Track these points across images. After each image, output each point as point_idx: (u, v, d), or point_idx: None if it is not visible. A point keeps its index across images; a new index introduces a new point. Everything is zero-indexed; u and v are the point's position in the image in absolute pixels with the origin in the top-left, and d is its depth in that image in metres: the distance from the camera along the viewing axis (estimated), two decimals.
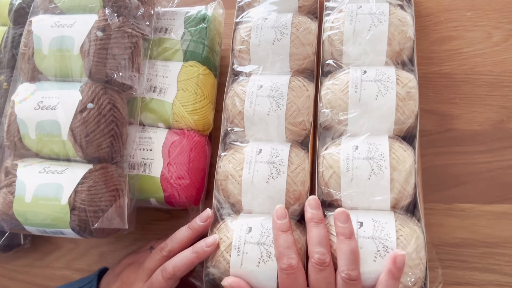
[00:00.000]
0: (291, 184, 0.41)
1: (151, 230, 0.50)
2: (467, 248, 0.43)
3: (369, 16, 0.45)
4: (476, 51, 0.51)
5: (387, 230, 0.37)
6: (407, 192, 0.39)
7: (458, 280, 0.42)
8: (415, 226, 0.38)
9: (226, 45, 0.58)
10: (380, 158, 0.39)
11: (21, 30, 0.51)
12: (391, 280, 0.35)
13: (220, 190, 0.43)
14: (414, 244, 0.37)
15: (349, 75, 0.43)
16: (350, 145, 0.41)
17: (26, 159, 0.43)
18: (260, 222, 0.40)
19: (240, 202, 0.42)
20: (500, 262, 0.42)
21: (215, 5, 0.53)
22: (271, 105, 0.44)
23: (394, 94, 0.41)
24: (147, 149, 0.46)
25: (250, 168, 0.42)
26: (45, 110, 0.41)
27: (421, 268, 0.37)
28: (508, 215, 0.44)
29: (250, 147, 0.43)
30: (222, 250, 0.39)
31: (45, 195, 0.39)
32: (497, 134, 0.46)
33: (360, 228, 0.38)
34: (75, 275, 0.49)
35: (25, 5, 0.51)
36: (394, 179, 0.39)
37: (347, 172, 0.40)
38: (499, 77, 0.50)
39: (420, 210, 0.39)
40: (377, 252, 0.36)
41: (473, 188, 0.46)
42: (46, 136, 0.41)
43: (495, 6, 0.53)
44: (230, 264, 0.38)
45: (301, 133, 0.45)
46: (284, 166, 0.41)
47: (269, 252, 0.38)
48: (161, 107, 0.47)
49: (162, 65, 0.49)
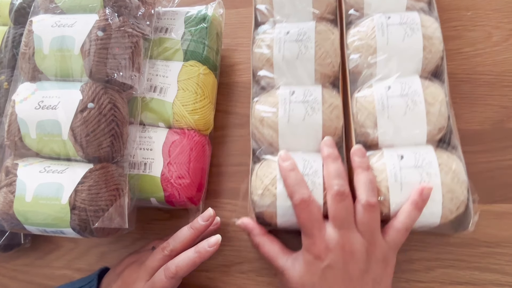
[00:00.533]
0: (326, 120, 0.43)
1: (151, 230, 0.50)
2: (468, 247, 0.43)
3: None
4: (476, 51, 0.51)
5: (428, 159, 0.39)
6: (441, 125, 0.41)
7: (458, 280, 0.42)
8: (453, 155, 0.40)
9: (226, 45, 0.58)
10: (414, 94, 0.41)
11: (22, 30, 0.51)
12: (414, 211, 0.37)
13: (256, 133, 0.45)
14: (455, 169, 0.39)
15: (374, 21, 0.45)
16: (382, 86, 0.43)
17: (26, 159, 0.43)
18: (301, 156, 0.42)
19: (277, 142, 0.44)
20: (501, 261, 0.42)
21: (215, 5, 0.53)
22: (299, 48, 0.46)
23: (420, 34, 0.43)
24: (148, 148, 0.46)
25: (285, 109, 0.43)
26: (45, 109, 0.41)
27: (463, 191, 0.39)
28: (508, 215, 0.44)
29: (282, 90, 0.45)
30: (267, 184, 0.41)
31: (46, 194, 0.39)
32: (497, 134, 0.46)
33: (402, 160, 0.39)
34: (75, 275, 0.49)
35: (25, 5, 0.51)
36: (429, 112, 0.41)
37: (383, 110, 0.41)
38: (499, 77, 0.50)
39: (456, 138, 0.41)
40: (421, 180, 0.38)
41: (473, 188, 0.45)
42: (47, 136, 0.41)
43: (495, 6, 0.53)
44: (277, 196, 0.40)
45: (330, 74, 0.47)
46: (319, 104, 0.43)
47: (313, 181, 0.40)
48: (161, 107, 0.47)
49: (163, 65, 0.49)
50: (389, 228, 0.38)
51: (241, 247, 0.47)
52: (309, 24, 0.47)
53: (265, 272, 0.46)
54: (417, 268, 0.43)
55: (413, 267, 0.43)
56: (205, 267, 0.47)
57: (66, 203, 0.38)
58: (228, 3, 0.55)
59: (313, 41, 0.46)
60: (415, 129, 0.41)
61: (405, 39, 0.43)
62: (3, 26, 0.53)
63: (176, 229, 0.43)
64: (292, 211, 0.40)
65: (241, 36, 0.59)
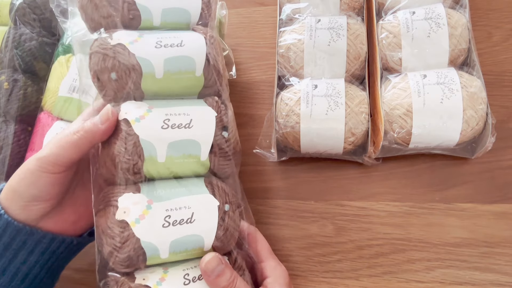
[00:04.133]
0: (350, 45, 0.46)
1: None
2: (467, 247, 0.43)
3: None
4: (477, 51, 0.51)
5: (450, 76, 0.42)
6: (462, 47, 0.44)
7: (458, 280, 0.42)
8: (472, 76, 0.43)
9: (229, 45, 0.58)
10: (437, 17, 0.44)
11: (22, 30, 0.51)
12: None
13: (282, 61, 0.48)
14: (476, 85, 0.41)
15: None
16: (407, 11, 0.46)
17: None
18: (324, 81, 0.45)
19: (302, 69, 0.47)
20: (501, 261, 0.42)
21: (218, 7, 0.53)
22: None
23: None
24: None
25: (311, 35, 0.47)
26: (176, 129, 0.35)
27: (483, 107, 0.41)
28: (508, 215, 0.44)
29: (308, 19, 0.48)
30: (292, 105, 0.44)
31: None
32: (497, 134, 0.46)
33: (425, 79, 0.42)
34: (75, 275, 0.49)
35: (26, 4, 0.51)
36: (452, 35, 0.44)
37: (407, 33, 0.44)
38: (499, 77, 0.50)
39: (476, 60, 0.44)
40: (443, 95, 0.41)
41: (473, 188, 0.46)
42: (181, 158, 0.36)
43: (495, 6, 0.53)
44: (301, 115, 0.43)
45: (355, 6, 0.50)
46: (344, 30, 0.46)
47: (336, 102, 0.43)
48: None
49: None
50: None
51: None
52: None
53: None
54: (417, 268, 0.43)
55: (413, 267, 0.43)
56: None
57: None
58: (228, 3, 0.55)
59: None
60: (438, 49, 0.44)
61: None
62: (3, 26, 0.52)
63: None
64: (315, 133, 0.43)
65: (241, 36, 0.59)
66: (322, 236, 0.46)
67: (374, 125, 0.46)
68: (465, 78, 0.42)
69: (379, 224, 0.46)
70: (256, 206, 0.49)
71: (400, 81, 0.44)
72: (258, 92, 0.56)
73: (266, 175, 0.50)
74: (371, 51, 0.49)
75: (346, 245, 0.45)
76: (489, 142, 0.42)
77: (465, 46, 0.44)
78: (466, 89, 0.41)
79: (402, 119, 0.42)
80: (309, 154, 0.47)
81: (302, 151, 0.46)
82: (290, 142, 0.46)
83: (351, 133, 0.44)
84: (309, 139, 0.44)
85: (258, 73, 0.57)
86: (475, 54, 0.45)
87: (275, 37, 0.51)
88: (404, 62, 0.45)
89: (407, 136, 0.43)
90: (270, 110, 0.48)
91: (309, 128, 0.44)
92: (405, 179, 0.47)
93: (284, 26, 0.51)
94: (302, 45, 0.47)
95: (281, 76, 0.49)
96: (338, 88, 0.44)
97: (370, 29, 0.49)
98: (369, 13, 0.51)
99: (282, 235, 0.47)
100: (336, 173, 0.49)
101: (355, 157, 0.47)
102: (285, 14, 0.52)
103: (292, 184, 0.49)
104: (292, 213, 0.48)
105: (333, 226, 0.47)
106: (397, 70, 0.46)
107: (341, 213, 0.47)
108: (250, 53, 0.58)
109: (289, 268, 0.45)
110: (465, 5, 0.46)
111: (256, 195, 0.49)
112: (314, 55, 0.47)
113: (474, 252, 0.43)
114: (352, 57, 0.46)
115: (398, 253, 0.44)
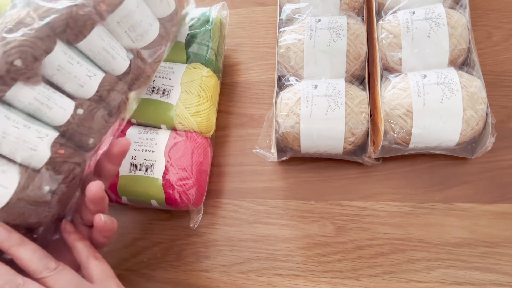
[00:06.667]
0: (351, 46, 0.46)
1: (151, 230, 0.50)
2: (467, 247, 0.43)
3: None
4: (477, 51, 0.51)
5: (450, 76, 0.42)
6: (462, 47, 0.44)
7: (458, 280, 0.42)
8: (472, 76, 0.43)
9: (229, 45, 0.58)
10: (437, 17, 0.44)
11: None
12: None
13: (282, 61, 0.48)
14: (476, 85, 0.41)
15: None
16: (406, 11, 0.46)
17: None
18: (324, 81, 0.46)
19: (302, 69, 0.47)
20: (501, 261, 0.42)
21: (219, 7, 0.53)
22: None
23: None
24: (150, 150, 0.45)
25: (311, 35, 0.47)
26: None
27: (483, 108, 0.41)
28: (508, 215, 0.44)
29: (308, 19, 0.48)
30: (291, 105, 0.44)
31: None
32: (497, 134, 0.46)
33: (425, 79, 0.42)
34: None
35: None
36: (452, 35, 0.44)
37: (407, 33, 0.44)
38: (499, 77, 0.50)
39: (476, 61, 0.44)
40: (443, 95, 0.41)
41: (473, 188, 0.46)
42: None
43: (495, 6, 0.53)
44: (301, 115, 0.44)
45: (355, 5, 0.50)
46: (344, 30, 0.47)
47: (336, 102, 0.43)
48: (164, 109, 0.47)
49: (166, 67, 0.49)
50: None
51: (241, 247, 0.47)
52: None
53: (265, 272, 0.46)
54: (417, 268, 0.43)
55: (413, 267, 0.43)
56: (205, 267, 0.47)
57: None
58: (228, 3, 0.55)
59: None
60: (438, 49, 0.44)
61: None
62: None
63: (177, 229, 0.43)
64: (315, 133, 0.43)
65: (241, 36, 0.59)
66: (322, 236, 0.46)
67: (374, 125, 0.46)
68: (465, 78, 0.42)
69: (379, 224, 0.46)
70: (256, 206, 0.49)
71: (400, 81, 0.44)
72: (258, 92, 0.56)
73: (266, 175, 0.50)
74: (371, 51, 0.49)
75: (346, 245, 0.45)
76: (489, 142, 0.42)
77: (465, 46, 0.45)
78: (466, 89, 0.41)
79: (402, 119, 0.42)
80: (309, 154, 0.47)
81: (302, 151, 0.46)
82: (290, 142, 0.46)
83: (351, 133, 0.44)
84: (309, 139, 0.44)
85: (258, 73, 0.57)
86: (475, 54, 0.45)
87: (275, 37, 0.51)
88: (404, 62, 0.45)
89: (407, 136, 0.43)
90: (270, 110, 0.48)
91: (309, 128, 0.44)
92: (405, 179, 0.47)
93: (284, 26, 0.51)
94: (302, 45, 0.47)
95: (281, 76, 0.49)
96: (338, 88, 0.45)
97: (370, 29, 0.50)
98: (369, 13, 0.51)
99: (282, 235, 0.47)
100: (336, 173, 0.49)
101: (355, 157, 0.47)
102: (285, 14, 0.52)
103: (292, 184, 0.49)
104: (292, 213, 0.48)
105: (333, 226, 0.47)
106: (397, 70, 0.46)
107: (341, 213, 0.47)
108: (250, 53, 0.58)
109: (289, 268, 0.45)
110: (465, 5, 0.47)
111: (256, 195, 0.50)
112: (314, 55, 0.47)
113: (474, 252, 0.43)
114: (352, 57, 0.47)
115: (398, 253, 0.44)
